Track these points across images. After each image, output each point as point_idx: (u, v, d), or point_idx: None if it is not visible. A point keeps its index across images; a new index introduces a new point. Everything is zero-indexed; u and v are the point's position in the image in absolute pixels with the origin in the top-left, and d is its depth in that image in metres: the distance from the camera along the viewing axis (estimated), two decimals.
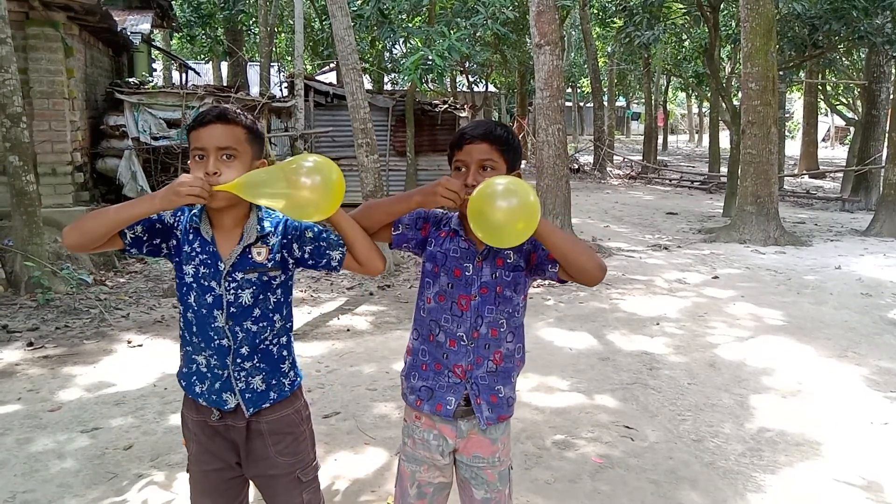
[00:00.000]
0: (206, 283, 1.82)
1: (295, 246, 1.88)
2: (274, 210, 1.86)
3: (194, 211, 1.85)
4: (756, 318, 5.97)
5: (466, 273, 1.90)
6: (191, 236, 1.84)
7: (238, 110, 1.84)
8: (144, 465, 3.26)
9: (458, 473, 2.03)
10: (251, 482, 2.00)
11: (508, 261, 1.90)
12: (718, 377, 4.56)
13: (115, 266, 7.58)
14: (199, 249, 1.83)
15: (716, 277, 7.54)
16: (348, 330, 5.57)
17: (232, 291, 1.83)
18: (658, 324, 5.76)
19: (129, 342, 5.18)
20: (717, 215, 12.95)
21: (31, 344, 5.06)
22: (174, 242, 1.86)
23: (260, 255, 1.84)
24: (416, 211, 1.94)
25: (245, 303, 1.84)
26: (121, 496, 2.99)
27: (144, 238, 1.81)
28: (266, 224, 1.87)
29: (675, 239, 10.25)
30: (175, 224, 1.86)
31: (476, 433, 1.96)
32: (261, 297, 1.86)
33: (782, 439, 3.64)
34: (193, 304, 1.84)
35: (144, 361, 4.75)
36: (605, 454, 3.43)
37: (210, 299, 1.82)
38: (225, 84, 17.96)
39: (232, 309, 1.83)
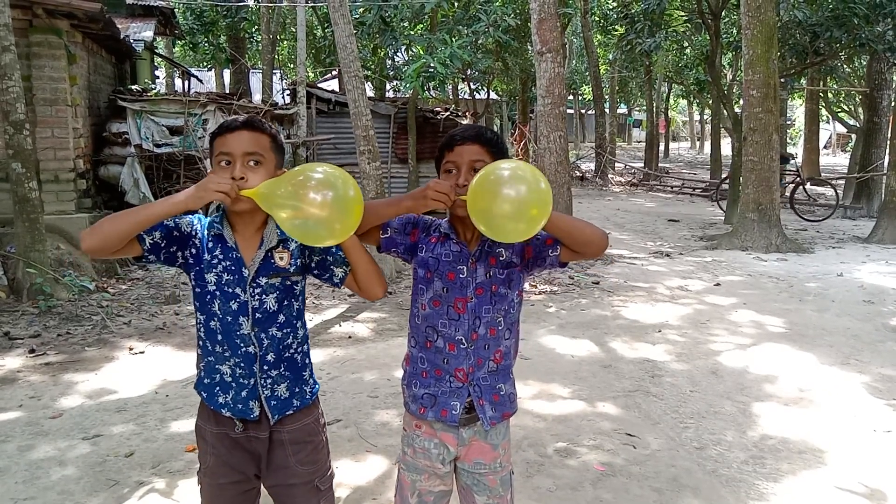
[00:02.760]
0: (231, 290, 1.82)
1: (307, 252, 1.90)
2: None
3: (214, 218, 1.85)
4: (758, 325, 5.96)
5: (461, 276, 1.90)
6: (211, 244, 1.84)
7: (263, 119, 1.87)
8: (146, 473, 3.26)
9: (458, 480, 2.02)
10: (267, 493, 1.99)
11: (501, 258, 1.90)
12: (720, 384, 4.54)
13: (117, 273, 7.58)
14: (221, 256, 1.83)
15: (717, 285, 7.53)
16: (350, 337, 5.57)
17: (257, 297, 1.83)
18: (660, 331, 5.75)
19: (131, 349, 5.18)
20: (718, 222, 12.95)
21: (32, 351, 5.07)
22: (193, 251, 1.85)
23: (282, 259, 1.86)
24: (406, 216, 1.94)
25: (270, 308, 1.84)
26: (122, 503, 2.99)
27: (162, 245, 1.80)
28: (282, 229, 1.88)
29: (677, 246, 10.24)
30: (193, 232, 1.85)
31: (478, 440, 1.95)
32: (285, 302, 1.87)
33: (785, 447, 3.63)
34: (218, 311, 1.83)
35: (146, 368, 4.75)
36: (607, 462, 3.42)
37: (235, 306, 1.82)
38: (227, 91, 18.02)
39: (257, 315, 1.83)
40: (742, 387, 4.50)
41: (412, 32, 14.89)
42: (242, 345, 1.83)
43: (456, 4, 14.17)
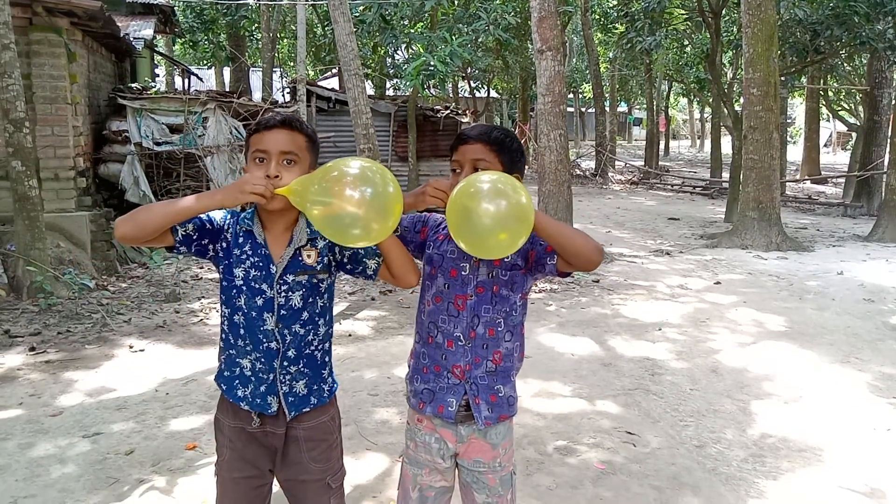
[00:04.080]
0: (257, 286, 1.84)
1: (337, 249, 1.90)
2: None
3: (245, 214, 1.87)
4: (758, 323, 5.96)
5: (463, 273, 1.90)
6: (241, 239, 1.86)
7: (300, 119, 1.87)
8: (146, 471, 3.26)
9: (459, 477, 2.03)
10: (280, 487, 2.00)
11: (506, 259, 1.89)
12: (720, 383, 4.55)
13: (117, 271, 7.58)
14: (249, 252, 1.84)
15: (718, 283, 7.53)
16: (350, 335, 5.57)
17: (283, 294, 1.84)
18: (660, 329, 5.75)
19: (131, 347, 5.18)
20: (718, 221, 12.95)
21: (32, 349, 5.07)
22: (223, 245, 1.87)
23: (310, 257, 1.86)
24: (415, 214, 1.95)
25: (295, 305, 1.85)
26: (122, 501, 2.99)
27: (194, 237, 1.82)
28: (314, 227, 1.88)
29: (677, 244, 10.25)
30: (225, 226, 1.87)
31: (476, 438, 1.95)
32: (310, 300, 1.88)
33: (785, 445, 3.63)
34: (243, 306, 1.84)
35: (146, 366, 4.75)
36: (607, 460, 3.43)
37: (260, 302, 1.83)
38: (227, 89, 18.02)
39: (282, 312, 1.84)
40: (742, 385, 4.50)
41: (412, 31, 14.88)
42: (265, 340, 1.84)
43: (456, 3, 14.17)
